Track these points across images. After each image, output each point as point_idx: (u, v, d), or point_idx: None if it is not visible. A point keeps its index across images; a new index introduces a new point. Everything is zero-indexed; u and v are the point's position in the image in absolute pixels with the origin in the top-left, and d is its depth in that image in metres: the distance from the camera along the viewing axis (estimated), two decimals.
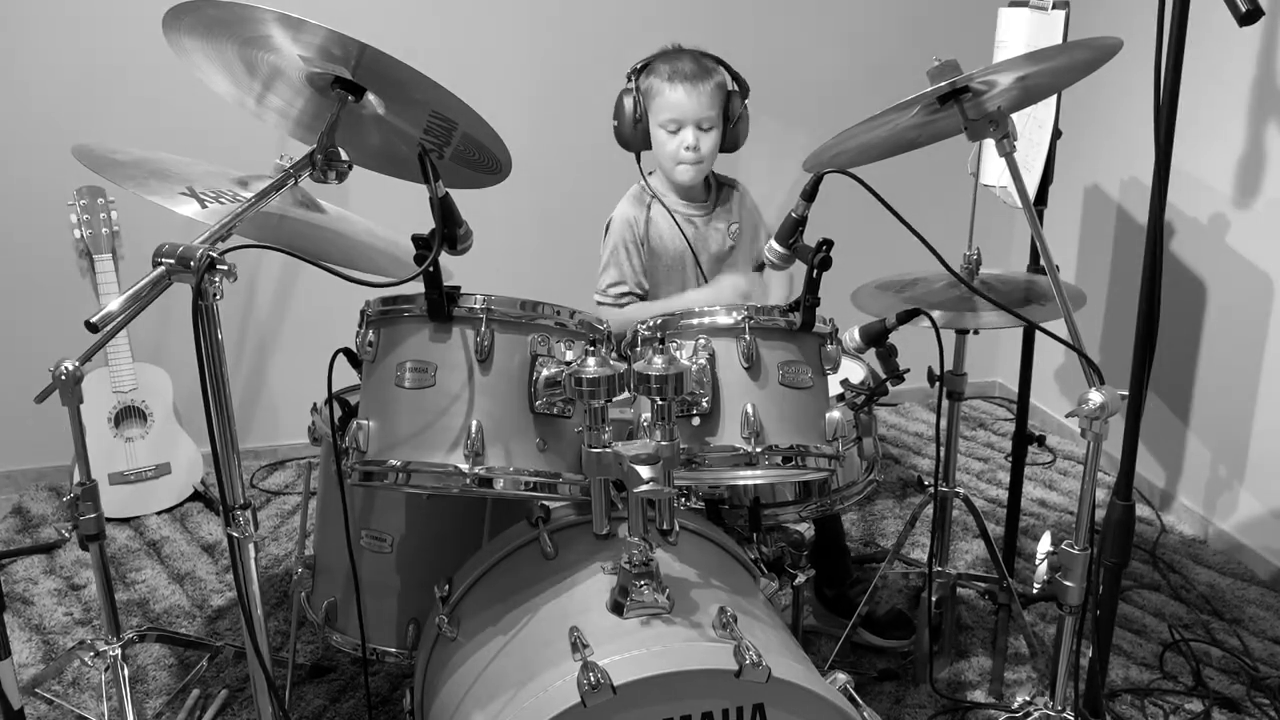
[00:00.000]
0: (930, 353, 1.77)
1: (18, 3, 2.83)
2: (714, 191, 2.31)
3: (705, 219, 2.27)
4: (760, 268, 2.34)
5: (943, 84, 1.51)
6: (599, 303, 2.27)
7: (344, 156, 1.47)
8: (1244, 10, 1.38)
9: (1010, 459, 2.58)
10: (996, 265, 2.31)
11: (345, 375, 1.70)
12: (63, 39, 2.88)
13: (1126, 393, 1.51)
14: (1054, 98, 2.16)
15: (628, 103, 2.16)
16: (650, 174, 2.27)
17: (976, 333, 2.03)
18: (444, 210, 1.49)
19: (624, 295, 2.24)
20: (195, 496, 3.02)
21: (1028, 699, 1.72)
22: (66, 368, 1.81)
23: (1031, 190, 2.22)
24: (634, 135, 2.17)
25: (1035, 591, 2.43)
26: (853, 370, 2.12)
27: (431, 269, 1.45)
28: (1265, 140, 2.57)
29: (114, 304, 1.19)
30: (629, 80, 2.18)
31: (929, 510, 2.19)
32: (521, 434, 1.48)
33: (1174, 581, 2.59)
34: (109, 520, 2.13)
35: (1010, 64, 1.50)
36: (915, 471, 3.23)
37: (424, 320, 1.49)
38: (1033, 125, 2.24)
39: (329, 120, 1.47)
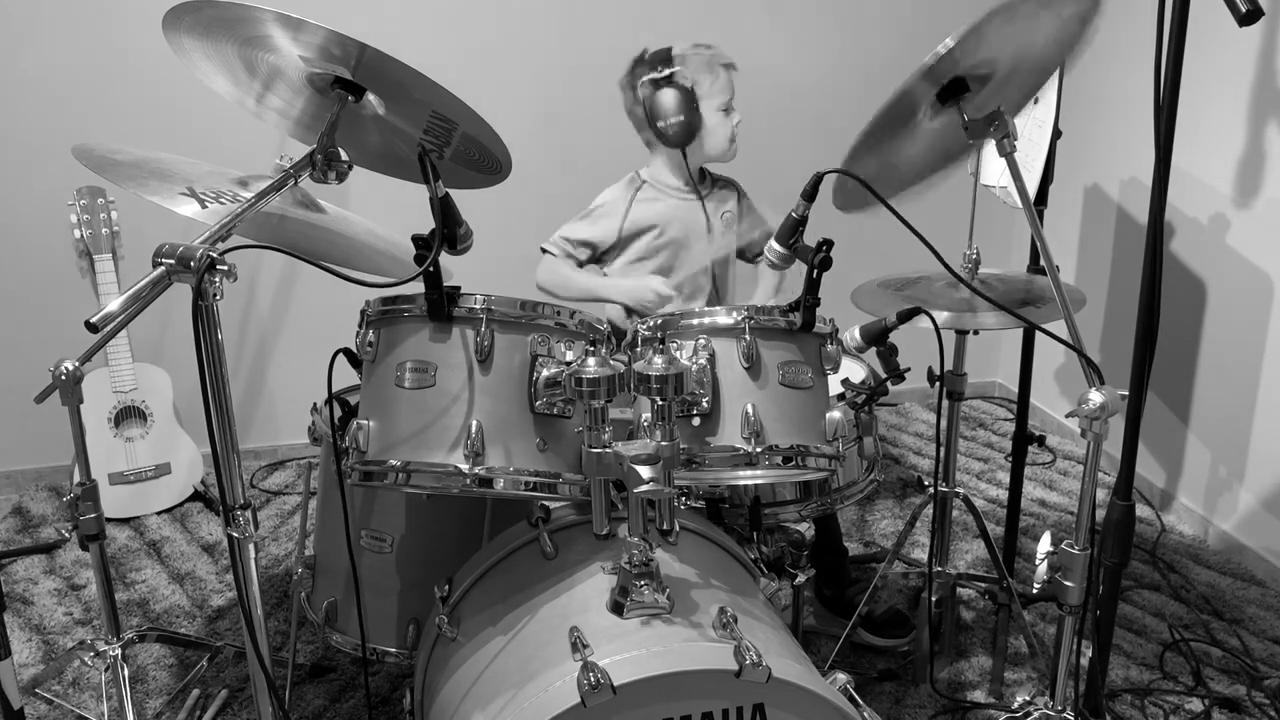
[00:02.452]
0: (930, 353, 1.78)
1: (18, 3, 2.83)
2: (709, 181, 2.34)
3: (698, 201, 2.29)
4: (753, 258, 2.42)
5: (941, 51, 1.48)
6: (543, 248, 2.32)
7: (344, 156, 1.47)
8: (1244, 10, 1.38)
9: (1010, 459, 2.58)
10: (996, 265, 2.31)
11: (345, 375, 1.70)
12: (63, 39, 2.88)
13: (1126, 393, 1.51)
14: (1054, 97, 2.16)
15: (672, 98, 2.17)
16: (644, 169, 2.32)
17: (976, 333, 2.03)
18: (444, 210, 1.49)
19: (579, 246, 2.30)
20: (195, 496, 3.02)
21: (1028, 699, 1.72)
22: (66, 368, 1.81)
23: (1031, 190, 2.22)
24: (687, 127, 2.20)
25: (1035, 591, 2.42)
26: (853, 370, 2.12)
27: (431, 269, 1.45)
28: (1265, 140, 2.57)
29: (114, 304, 1.19)
30: (646, 85, 2.19)
31: (929, 510, 2.19)
32: (521, 434, 1.48)
33: (1174, 581, 2.59)
34: (109, 520, 2.14)
35: (987, 23, 1.45)
36: (915, 471, 3.23)
37: (424, 320, 1.49)
38: (1033, 125, 2.24)
39: (329, 120, 1.47)
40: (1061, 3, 1.50)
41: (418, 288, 1.48)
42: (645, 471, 1.33)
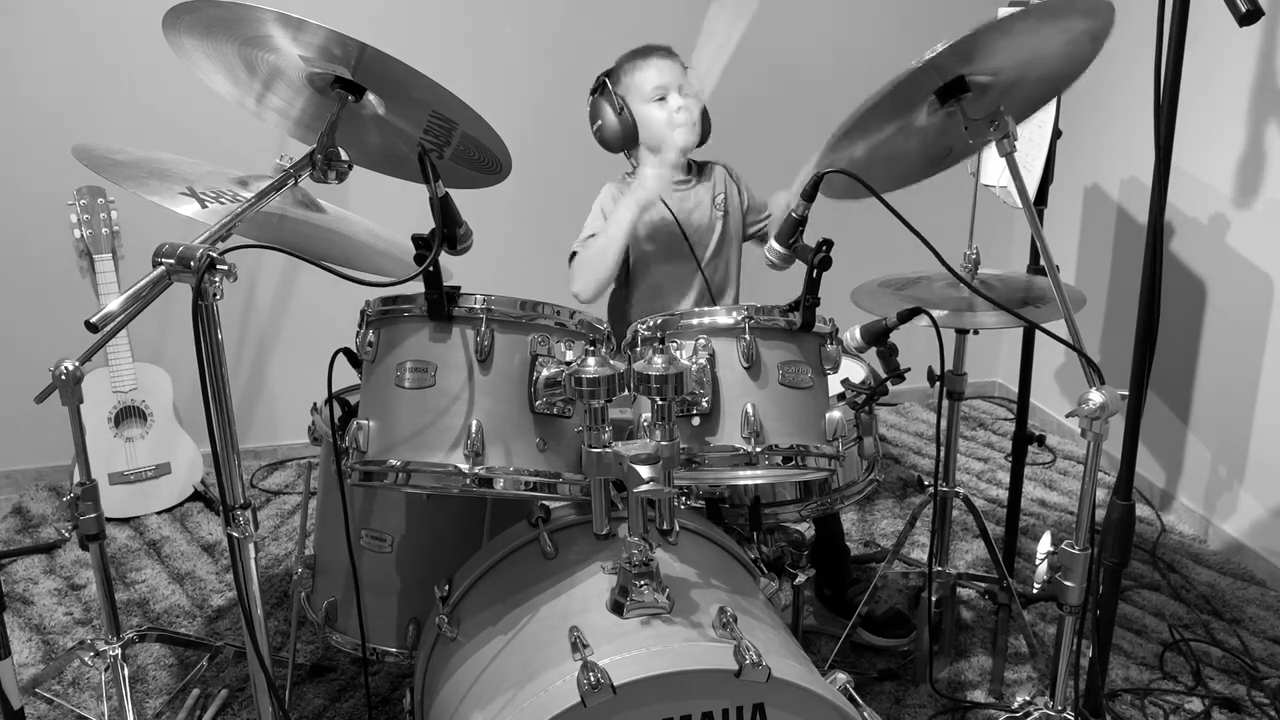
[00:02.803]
0: (930, 353, 1.78)
1: (18, 3, 2.83)
2: (695, 170, 2.34)
3: (688, 191, 2.29)
4: (750, 239, 2.40)
5: (929, 55, 1.49)
6: (570, 258, 2.26)
7: (344, 156, 1.47)
8: (1244, 10, 1.38)
9: (1010, 459, 2.58)
10: (996, 265, 2.31)
11: (345, 375, 1.70)
12: (63, 39, 2.88)
13: (1126, 393, 1.51)
14: (1054, 97, 2.16)
15: (605, 104, 2.22)
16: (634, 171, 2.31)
17: (976, 333, 2.03)
18: (444, 210, 1.49)
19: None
20: (195, 496, 3.02)
21: (1028, 699, 1.72)
22: (66, 368, 1.81)
23: (1031, 190, 2.22)
24: (620, 130, 2.21)
25: (1035, 591, 2.43)
26: (853, 370, 2.12)
27: (431, 269, 1.45)
28: (1265, 140, 2.57)
29: (114, 304, 1.19)
30: (594, 94, 2.25)
31: (929, 510, 2.19)
32: (521, 434, 1.48)
33: (1174, 581, 2.59)
34: (109, 520, 2.14)
35: (996, 26, 1.46)
36: (915, 471, 3.23)
37: (424, 320, 1.49)
38: (1033, 125, 2.24)
39: (329, 120, 1.47)
40: (1070, 19, 1.50)
41: (418, 287, 1.48)
42: (645, 471, 1.33)
